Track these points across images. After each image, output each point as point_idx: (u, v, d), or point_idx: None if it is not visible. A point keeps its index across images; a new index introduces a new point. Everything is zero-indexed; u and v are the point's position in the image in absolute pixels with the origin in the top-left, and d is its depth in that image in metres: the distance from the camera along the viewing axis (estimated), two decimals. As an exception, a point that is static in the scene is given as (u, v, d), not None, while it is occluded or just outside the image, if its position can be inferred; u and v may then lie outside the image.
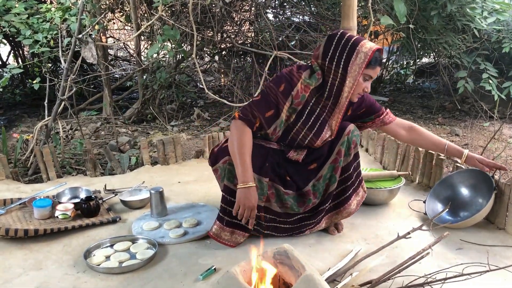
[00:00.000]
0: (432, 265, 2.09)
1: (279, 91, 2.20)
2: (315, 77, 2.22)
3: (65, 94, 3.84)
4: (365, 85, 2.20)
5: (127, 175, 3.47)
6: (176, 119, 5.59)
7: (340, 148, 2.31)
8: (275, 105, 2.20)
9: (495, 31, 4.90)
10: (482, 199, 2.53)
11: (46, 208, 2.56)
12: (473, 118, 5.41)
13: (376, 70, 2.19)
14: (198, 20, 4.80)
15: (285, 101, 2.20)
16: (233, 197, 2.24)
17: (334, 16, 5.57)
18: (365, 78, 2.19)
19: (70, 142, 4.58)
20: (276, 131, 2.25)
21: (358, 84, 2.18)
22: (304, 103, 2.25)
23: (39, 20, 4.18)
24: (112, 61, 7.36)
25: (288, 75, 2.23)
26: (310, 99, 2.26)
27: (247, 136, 2.18)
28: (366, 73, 2.17)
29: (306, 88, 2.22)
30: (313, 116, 2.28)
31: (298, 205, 2.33)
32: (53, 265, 2.15)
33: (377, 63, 2.17)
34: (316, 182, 2.34)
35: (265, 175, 2.26)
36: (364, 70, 2.15)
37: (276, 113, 2.21)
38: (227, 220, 2.30)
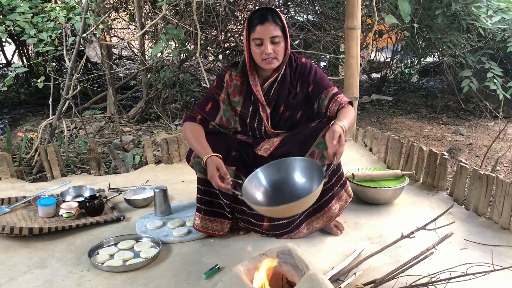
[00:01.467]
0: (436, 264, 2.09)
1: (213, 86, 2.34)
2: (240, 65, 2.32)
3: (70, 93, 3.85)
4: (262, 50, 2.14)
5: (131, 174, 3.48)
6: (180, 118, 5.59)
7: (314, 150, 2.23)
8: (212, 98, 2.32)
9: (500, 30, 4.89)
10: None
11: (51, 206, 2.57)
12: (477, 117, 5.40)
13: (261, 29, 2.12)
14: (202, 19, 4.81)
15: (219, 92, 2.32)
16: (206, 186, 2.32)
17: (338, 15, 5.57)
18: (256, 43, 2.15)
19: (74, 141, 4.59)
20: (226, 121, 2.33)
21: (253, 52, 2.18)
22: (244, 91, 2.32)
23: (43, 19, 4.19)
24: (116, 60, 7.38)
25: (220, 73, 2.37)
26: (248, 86, 2.31)
27: (194, 126, 2.26)
28: (252, 38, 2.15)
29: (236, 76, 2.30)
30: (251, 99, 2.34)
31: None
32: (57, 263, 2.16)
33: (255, 24, 2.13)
34: None
35: (231, 164, 2.27)
36: (251, 36, 2.16)
37: (214, 104, 2.31)
38: (204, 209, 2.36)
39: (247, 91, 2.32)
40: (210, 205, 2.36)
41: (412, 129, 5.12)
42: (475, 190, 2.67)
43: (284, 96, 2.30)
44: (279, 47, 2.17)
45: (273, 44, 2.15)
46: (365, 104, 6.33)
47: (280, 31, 2.15)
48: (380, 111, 6.05)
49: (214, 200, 2.36)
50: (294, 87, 2.31)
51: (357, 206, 2.74)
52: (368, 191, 2.76)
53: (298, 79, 2.31)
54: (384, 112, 5.96)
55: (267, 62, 2.17)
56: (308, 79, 2.30)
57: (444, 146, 4.44)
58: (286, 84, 2.30)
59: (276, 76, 2.29)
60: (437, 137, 4.80)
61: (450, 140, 4.65)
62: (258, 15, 2.15)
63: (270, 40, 2.14)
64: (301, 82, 2.31)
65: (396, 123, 5.38)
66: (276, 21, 2.14)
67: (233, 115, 2.34)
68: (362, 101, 6.43)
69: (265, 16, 2.13)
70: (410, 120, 5.48)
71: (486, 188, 2.59)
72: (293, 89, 2.31)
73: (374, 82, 7.56)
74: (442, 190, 2.99)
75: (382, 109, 6.15)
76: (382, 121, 5.47)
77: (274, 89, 2.31)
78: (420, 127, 5.18)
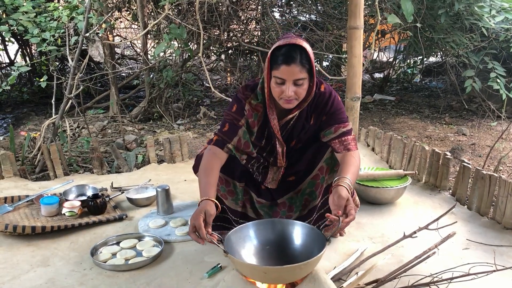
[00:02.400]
0: (438, 264, 2.09)
1: (232, 112, 2.15)
2: (259, 92, 2.12)
3: (72, 92, 3.86)
4: (281, 89, 1.94)
5: (134, 173, 3.49)
6: (182, 117, 5.61)
7: (322, 165, 2.18)
8: (230, 122, 2.14)
9: (503, 30, 4.87)
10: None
11: (53, 205, 2.58)
12: (480, 117, 5.39)
13: (285, 70, 1.90)
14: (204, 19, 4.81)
15: (239, 119, 2.13)
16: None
17: (341, 15, 5.56)
18: (277, 81, 1.94)
19: (77, 140, 4.60)
20: (244, 144, 2.14)
21: (272, 88, 1.98)
22: (260, 123, 2.15)
23: (46, 19, 4.20)
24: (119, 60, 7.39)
25: (237, 97, 2.16)
26: (265, 118, 2.14)
27: (211, 158, 2.09)
28: (274, 75, 1.94)
29: (257, 106, 2.12)
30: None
31: (272, 216, 2.27)
32: (60, 262, 2.17)
33: (279, 62, 1.91)
34: (294, 195, 2.26)
35: (239, 180, 2.22)
36: (272, 73, 1.95)
37: (232, 126, 2.14)
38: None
39: (263, 123, 2.16)
40: (216, 219, 2.18)
41: (414, 129, 5.12)
42: (477, 190, 2.67)
43: (298, 130, 2.19)
44: (301, 89, 1.96)
45: (296, 86, 1.94)
46: (368, 104, 6.33)
47: (306, 73, 1.94)
48: (383, 111, 6.04)
49: (220, 215, 2.23)
50: (308, 120, 2.17)
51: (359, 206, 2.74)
52: (371, 191, 2.76)
53: (314, 111, 2.15)
54: (387, 112, 5.95)
55: (285, 102, 1.98)
56: (324, 110, 2.15)
57: (447, 146, 4.44)
58: (302, 119, 2.17)
59: (294, 114, 2.13)
60: (440, 137, 4.79)
61: (452, 140, 4.64)
62: (284, 53, 1.91)
63: (293, 82, 1.93)
64: (316, 114, 2.16)
65: (398, 123, 5.37)
66: (303, 62, 1.92)
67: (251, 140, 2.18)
68: (365, 101, 6.42)
69: (292, 56, 1.90)
70: (413, 120, 5.47)
71: (489, 188, 2.58)
72: (307, 122, 2.17)
73: (377, 82, 7.55)
74: (444, 190, 2.99)
75: (385, 109, 6.15)
76: (385, 121, 5.47)
77: (290, 124, 2.17)
78: (423, 127, 5.17)
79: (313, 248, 1.81)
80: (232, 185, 2.24)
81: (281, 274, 1.62)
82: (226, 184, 2.23)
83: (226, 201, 2.27)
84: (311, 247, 1.82)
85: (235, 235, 1.84)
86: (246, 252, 1.84)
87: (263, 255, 1.86)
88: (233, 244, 1.79)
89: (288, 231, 1.91)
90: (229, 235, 1.80)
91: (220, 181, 2.20)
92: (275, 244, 1.90)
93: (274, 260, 1.84)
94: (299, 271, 1.64)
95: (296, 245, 1.89)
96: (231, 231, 1.83)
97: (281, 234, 1.91)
